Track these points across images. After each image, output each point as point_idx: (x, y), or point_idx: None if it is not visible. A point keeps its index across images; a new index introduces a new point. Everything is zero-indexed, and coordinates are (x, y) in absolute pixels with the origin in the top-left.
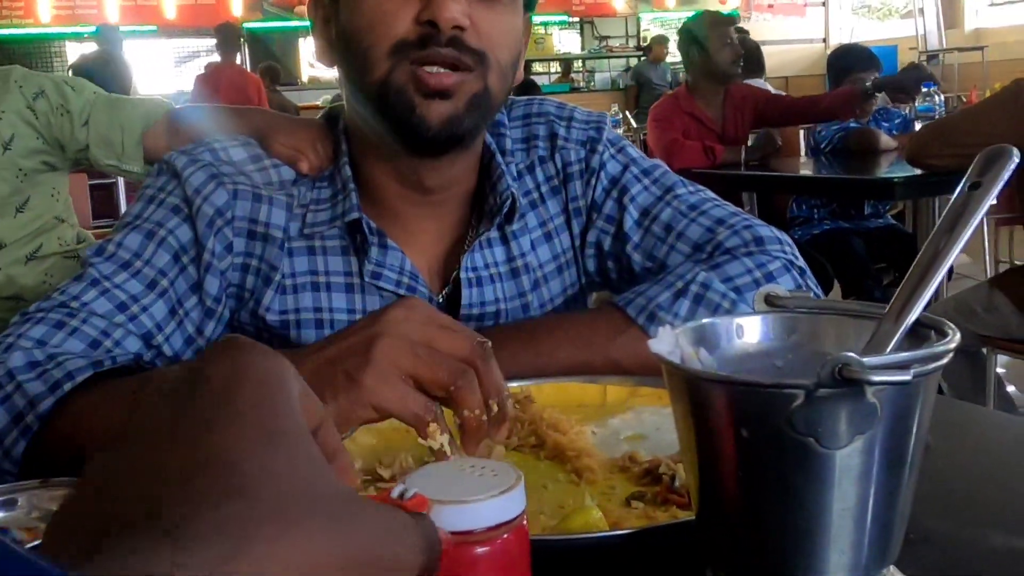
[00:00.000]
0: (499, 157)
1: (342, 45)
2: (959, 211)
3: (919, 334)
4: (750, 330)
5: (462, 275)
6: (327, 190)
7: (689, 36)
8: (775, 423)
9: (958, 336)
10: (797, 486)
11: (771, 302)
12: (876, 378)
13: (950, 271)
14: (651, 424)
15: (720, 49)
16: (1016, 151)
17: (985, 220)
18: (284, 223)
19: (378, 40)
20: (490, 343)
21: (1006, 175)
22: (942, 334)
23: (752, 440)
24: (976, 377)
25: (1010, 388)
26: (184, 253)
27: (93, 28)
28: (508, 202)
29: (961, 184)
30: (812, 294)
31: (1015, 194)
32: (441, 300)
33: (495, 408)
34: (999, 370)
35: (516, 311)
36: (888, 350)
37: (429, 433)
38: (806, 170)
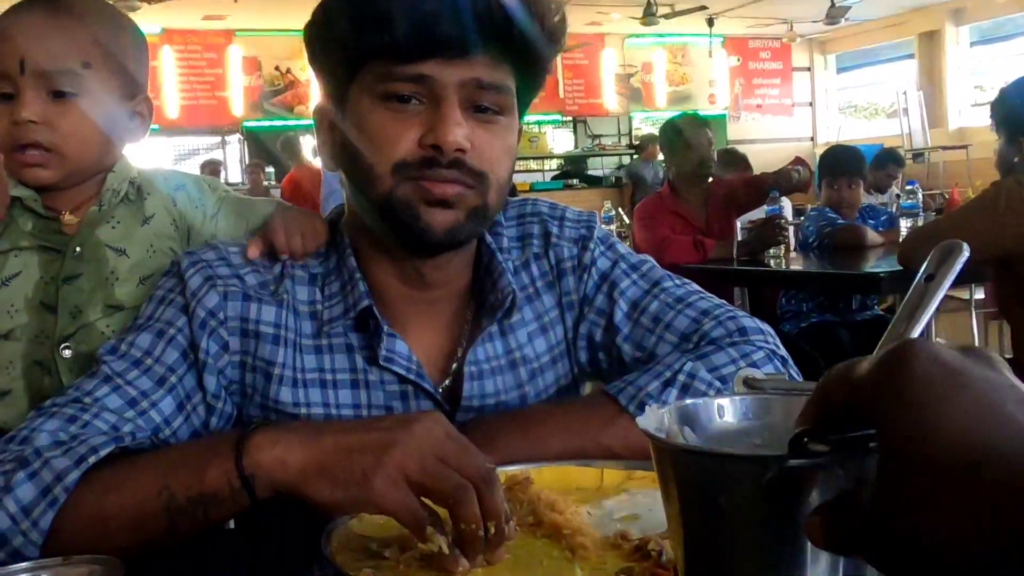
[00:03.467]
0: (499, 256)
1: (346, 155)
2: (916, 301)
3: None
4: (730, 410)
5: (465, 368)
6: (335, 283)
7: (667, 136)
8: (750, 493)
9: None
10: (772, 552)
11: (749, 384)
12: (836, 449)
13: None
14: (644, 505)
15: (695, 148)
16: (966, 246)
17: (974, 315)
18: (274, 319)
19: (382, 159)
20: (496, 468)
21: (957, 267)
22: None
23: (730, 509)
24: None
25: None
26: (191, 352)
27: None
28: (510, 298)
29: (918, 276)
30: (787, 376)
31: (996, 290)
32: (441, 392)
33: (492, 529)
34: None
35: (514, 402)
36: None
37: (427, 536)
38: (796, 265)
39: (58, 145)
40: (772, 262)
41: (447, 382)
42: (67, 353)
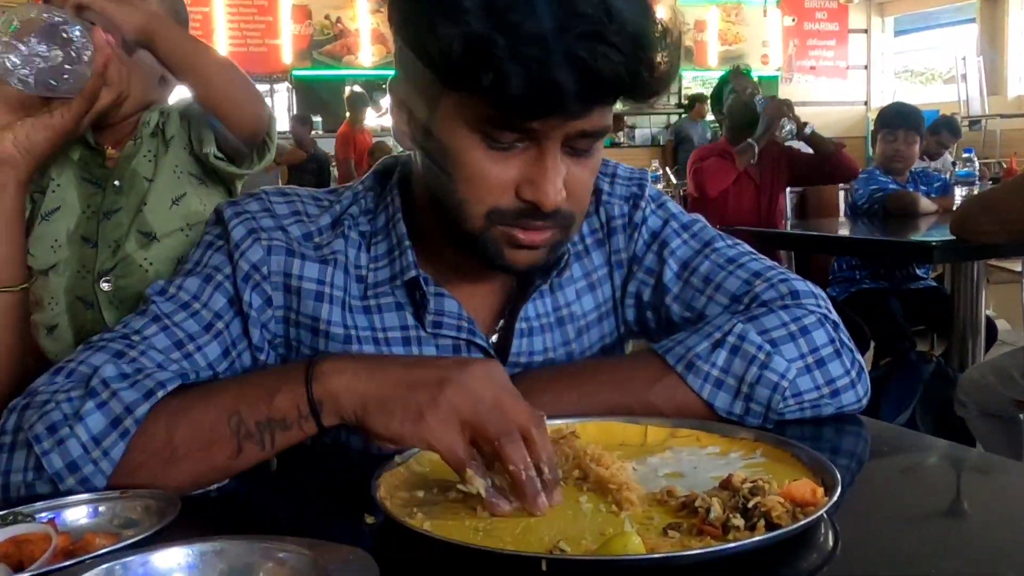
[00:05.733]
0: None
1: (431, 166)
2: None
3: None
4: None
5: (516, 325)
6: (383, 244)
7: (718, 90)
8: None
9: None
10: None
11: None
12: None
13: (994, 335)
14: (688, 463)
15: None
16: None
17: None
18: (316, 276)
19: (476, 199)
20: (545, 417)
21: None
22: None
23: None
24: (1012, 442)
25: None
26: (237, 299)
27: None
28: (564, 257)
29: None
30: (838, 341)
31: None
32: (492, 347)
33: (545, 471)
34: None
35: (561, 359)
36: None
37: (467, 478)
38: (844, 230)
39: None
40: (785, 135)
41: (495, 338)
42: (106, 286)
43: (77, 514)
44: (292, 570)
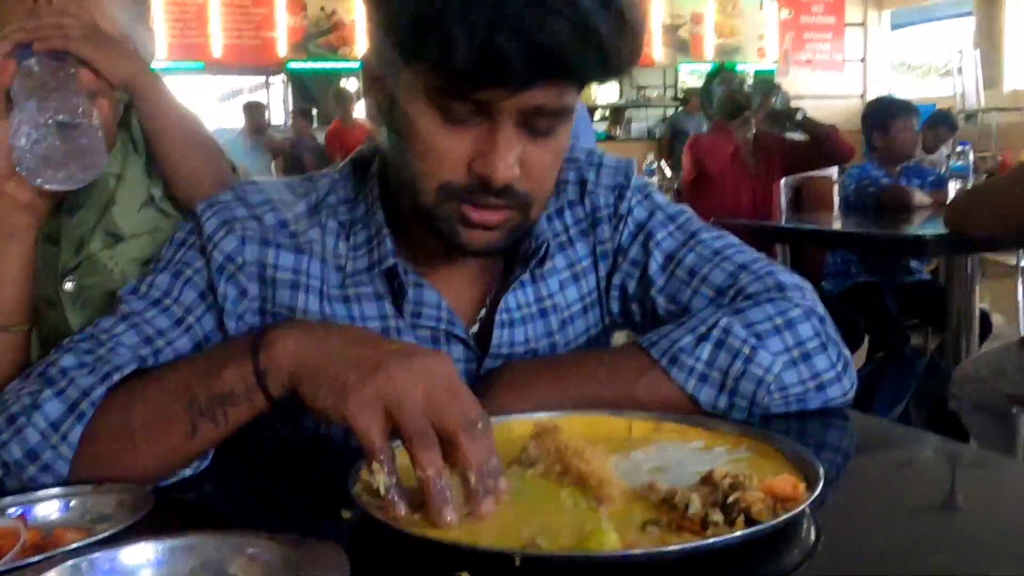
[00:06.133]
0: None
1: (394, 136)
2: None
3: None
4: None
5: (496, 316)
6: (362, 233)
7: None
8: None
9: None
10: None
11: None
12: None
13: (988, 329)
14: (673, 457)
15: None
16: None
17: (1020, 280)
18: (292, 265)
19: (428, 172)
20: (489, 422)
21: None
22: None
23: None
24: (1006, 436)
25: None
26: (209, 293)
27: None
28: (544, 246)
29: None
30: (824, 336)
31: None
32: (472, 338)
33: (472, 479)
34: None
35: (544, 350)
36: None
37: (373, 469)
38: (838, 224)
39: None
40: (778, 104)
41: (475, 329)
42: (69, 286)
43: (48, 509)
44: (263, 565)
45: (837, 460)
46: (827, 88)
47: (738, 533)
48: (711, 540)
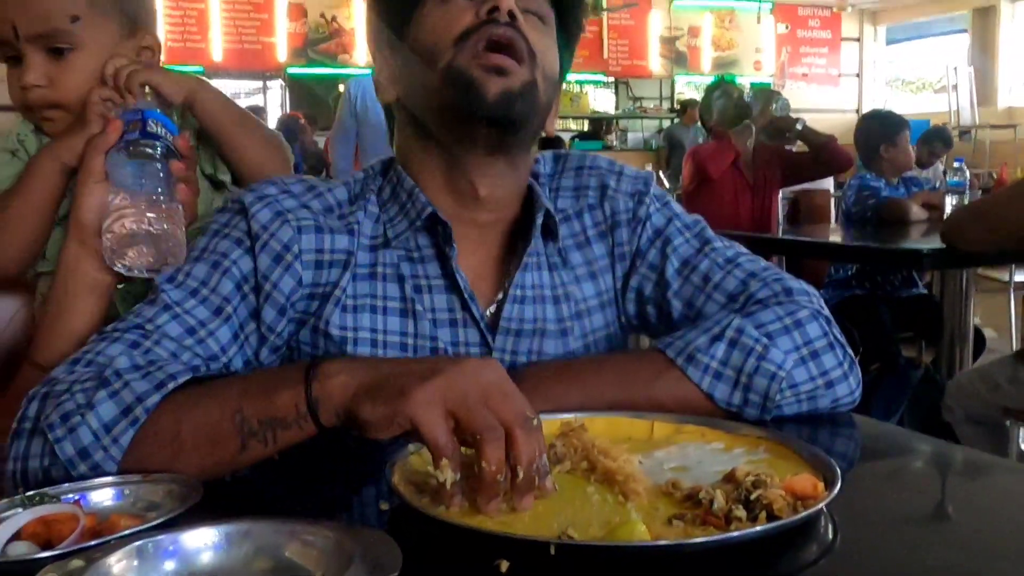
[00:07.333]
0: (536, 186)
1: (410, 63)
2: None
3: None
4: None
5: (511, 291)
6: (393, 207)
7: (706, 95)
8: None
9: None
10: None
11: None
12: None
13: (982, 344)
14: (694, 458)
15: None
16: None
17: (1012, 295)
18: (346, 247)
19: (443, 36)
20: (540, 421)
21: None
22: None
23: None
24: (998, 447)
25: None
26: (245, 282)
27: None
28: (543, 212)
29: None
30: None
31: None
32: (486, 319)
33: (520, 474)
34: (1023, 444)
35: (554, 334)
36: None
37: (440, 466)
38: (836, 236)
39: (67, 100)
40: (778, 110)
41: (490, 311)
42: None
43: (102, 496)
44: (318, 552)
45: (849, 461)
46: (822, 102)
47: (761, 528)
48: (736, 533)
